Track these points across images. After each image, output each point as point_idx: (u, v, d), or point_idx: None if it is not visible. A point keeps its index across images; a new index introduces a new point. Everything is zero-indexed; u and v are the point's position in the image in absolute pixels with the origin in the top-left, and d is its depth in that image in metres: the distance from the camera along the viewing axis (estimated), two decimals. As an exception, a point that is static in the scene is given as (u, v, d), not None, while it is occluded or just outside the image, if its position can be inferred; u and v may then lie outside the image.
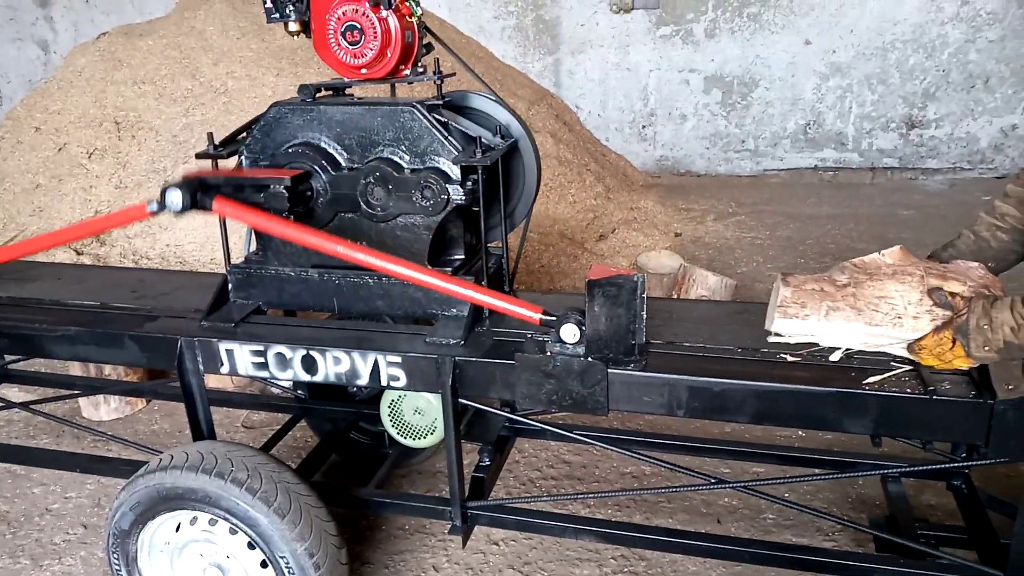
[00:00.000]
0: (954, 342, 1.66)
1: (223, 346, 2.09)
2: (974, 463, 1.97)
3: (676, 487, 2.40)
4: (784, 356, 1.85)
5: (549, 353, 1.87)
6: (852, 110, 7.49)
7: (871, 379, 1.73)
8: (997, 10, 6.93)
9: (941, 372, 1.74)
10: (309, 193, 2.07)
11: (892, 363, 1.78)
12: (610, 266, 1.85)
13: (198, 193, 1.98)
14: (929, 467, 2.23)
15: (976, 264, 1.82)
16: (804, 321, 1.81)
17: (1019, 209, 1.97)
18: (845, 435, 2.83)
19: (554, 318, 1.87)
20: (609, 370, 1.83)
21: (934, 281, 1.74)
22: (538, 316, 1.90)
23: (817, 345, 1.84)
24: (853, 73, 7.37)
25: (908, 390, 1.70)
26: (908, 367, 1.76)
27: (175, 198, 1.94)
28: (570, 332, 1.84)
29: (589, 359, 1.84)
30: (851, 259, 1.88)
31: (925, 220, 6.12)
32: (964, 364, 1.67)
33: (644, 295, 1.77)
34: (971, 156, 7.41)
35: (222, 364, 2.11)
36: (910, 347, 1.73)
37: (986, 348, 1.61)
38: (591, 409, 1.87)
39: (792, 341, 1.85)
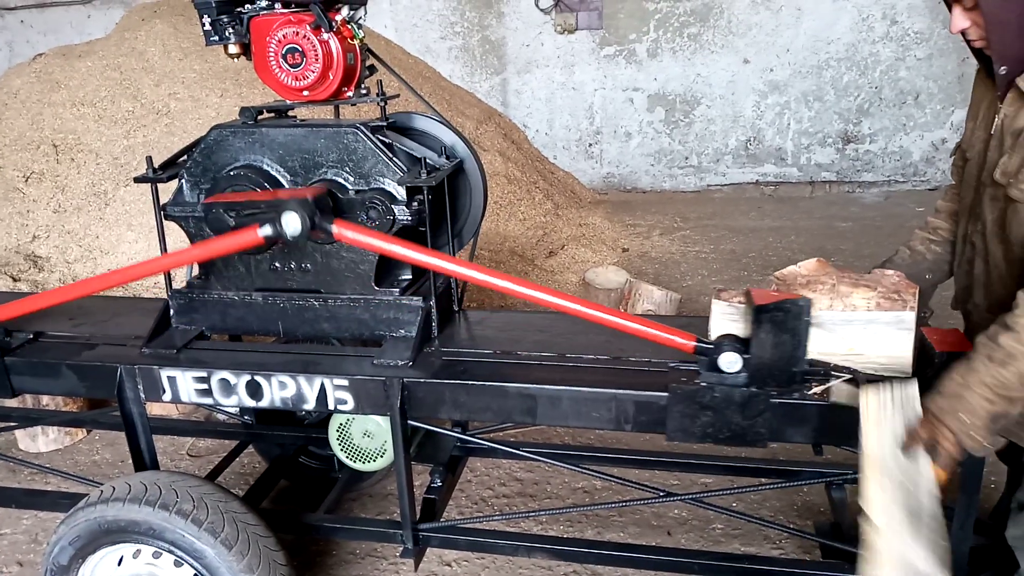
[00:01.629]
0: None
1: (165, 373, 2.05)
2: (911, 468, 2.03)
3: (626, 501, 2.42)
4: None
5: (705, 384, 1.78)
6: (790, 126, 7.71)
7: (815, 389, 1.77)
8: (924, 30, 7.22)
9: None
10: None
11: (831, 373, 1.82)
12: (770, 290, 1.80)
13: (316, 216, 1.85)
14: (870, 473, 2.29)
15: (892, 272, 1.86)
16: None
17: (949, 223, 2.06)
18: (790, 443, 2.89)
19: (710, 346, 1.78)
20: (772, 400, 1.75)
21: (845, 288, 1.76)
22: (692, 344, 1.80)
23: None
24: (790, 91, 7.59)
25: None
26: (846, 376, 1.81)
27: (294, 221, 1.82)
28: (730, 361, 1.74)
29: (752, 389, 1.75)
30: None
31: (862, 231, 6.30)
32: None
33: (809, 319, 1.70)
34: (904, 169, 7.67)
35: (164, 392, 2.07)
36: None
37: (980, 439, 1.56)
38: (750, 441, 1.78)
39: None
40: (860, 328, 1.73)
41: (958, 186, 2.00)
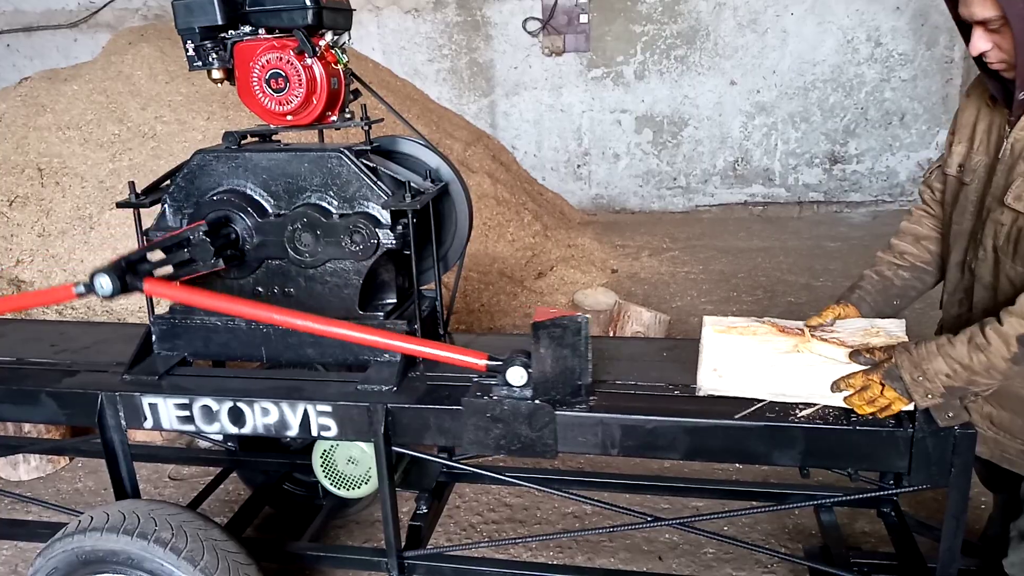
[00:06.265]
0: (883, 386, 1.66)
1: (146, 400, 2.02)
2: (900, 491, 2.02)
3: (616, 526, 2.39)
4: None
5: (496, 397, 1.84)
6: (778, 147, 7.76)
7: (804, 412, 1.76)
8: (908, 51, 7.31)
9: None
10: (234, 236, 2.03)
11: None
12: (551, 308, 1.83)
13: (127, 276, 1.90)
14: (859, 496, 2.27)
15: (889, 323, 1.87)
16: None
17: (915, 246, 2.03)
18: (780, 466, 2.87)
19: (500, 362, 1.84)
20: (556, 412, 1.81)
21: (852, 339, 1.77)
22: (483, 363, 1.86)
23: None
24: (777, 112, 7.65)
25: (831, 420, 1.74)
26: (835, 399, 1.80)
27: (104, 283, 1.87)
28: (517, 375, 1.81)
29: (536, 401, 1.81)
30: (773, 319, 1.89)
31: (850, 251, 6.33)
32: (902, 405, 1.67)
33: (588, 335, 1.77)
34: (891, 189, 7.73)
35: (145, 419, 2.04)
36: (836, 385, 1.73)
37: (929, 397, 1.63)
38: (540, 452, 1.84)
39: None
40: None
41: (940, 210, 1.99)
